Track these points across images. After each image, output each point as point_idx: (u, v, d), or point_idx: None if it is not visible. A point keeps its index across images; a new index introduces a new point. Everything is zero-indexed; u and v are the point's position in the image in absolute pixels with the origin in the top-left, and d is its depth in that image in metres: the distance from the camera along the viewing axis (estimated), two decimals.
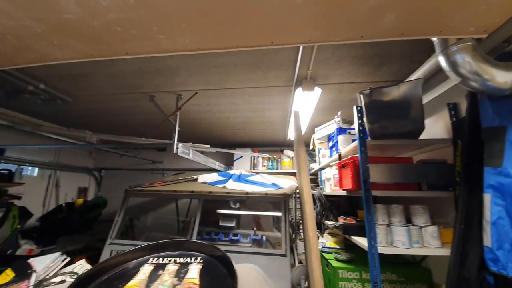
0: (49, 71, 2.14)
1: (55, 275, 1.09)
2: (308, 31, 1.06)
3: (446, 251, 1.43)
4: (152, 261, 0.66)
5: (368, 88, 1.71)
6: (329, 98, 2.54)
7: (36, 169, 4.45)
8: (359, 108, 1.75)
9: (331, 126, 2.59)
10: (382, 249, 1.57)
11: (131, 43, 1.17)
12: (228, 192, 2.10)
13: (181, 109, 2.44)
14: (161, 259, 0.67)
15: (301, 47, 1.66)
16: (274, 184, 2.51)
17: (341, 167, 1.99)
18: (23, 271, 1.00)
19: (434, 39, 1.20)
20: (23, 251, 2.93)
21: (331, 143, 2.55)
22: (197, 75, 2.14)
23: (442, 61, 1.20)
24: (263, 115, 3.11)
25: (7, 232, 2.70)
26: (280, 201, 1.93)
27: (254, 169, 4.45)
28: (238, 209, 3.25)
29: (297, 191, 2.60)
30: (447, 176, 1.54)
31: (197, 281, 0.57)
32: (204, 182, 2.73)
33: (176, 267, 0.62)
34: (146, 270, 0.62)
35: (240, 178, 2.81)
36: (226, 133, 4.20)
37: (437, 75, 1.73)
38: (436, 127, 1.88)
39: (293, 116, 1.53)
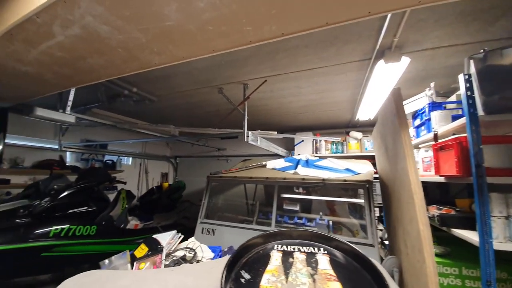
0: (139, 76, 2.47)
1: (175, 250, 1.31)
2: None
3: None
4: (278, 248, 0.70)
5: (482, 50, 1.37)
6: (415, 68, 2.17)
7: (130, 158, 5.41)
8: (467, 77, 1.43)
9: (418, 102, 2.23)
10: (499, 245, 1.32)
11: (218, 40, 1.22)
12: (303, 179, 2.08)
13: (249, 98, 2.50)
14: (285, 246, 0.71)
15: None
16: (348, 170, 2.37)
17: (438, 149, 1.71)
18: (154, 246, 1.24)
19: None
20: (131, 226, 3.64)
21: (417, 121, 2.21)
22: (266, 62, 2.12)
23: None
24: (329, 96, 2.92)
25: (119, 211, 3.38)
26: (363, 188, 1.81)
27: (316, 153, 4.31)
28: (308, 194, 3.25)
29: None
30: None
31: (332, 272, 0.58)
32: (273, 168, 2.78)
33: (303, 256, 0.65)
34: (276, 256, 0.66)
35: (308, 164, 2.75)
36: (287, 118, 4.16)
37: None
38: None
39: (388, 94, 1.34)
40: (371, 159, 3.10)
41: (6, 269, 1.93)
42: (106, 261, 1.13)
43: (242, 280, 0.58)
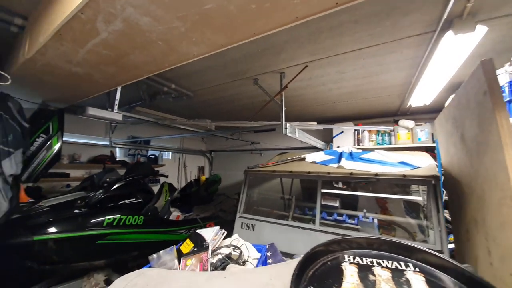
0: (177, 72, 2.49)
1: (219, 247, 1.28)
2: None
3: None
4: (350, 259, 0.57)
5: None
6: (491, 39, 1.78)
7: (170, 153, 5.69)
8: None
9: None
10: None
11: (260, 21, 1.09)
12: (351, 173, 1.88)
13: (287, 87, 2.34)
14: (358, 258, 0.58)
15: None
16: (404, 163, 2.08)
17: None
18: (199, 242, 1.22)
19: None
20: (173, 217, 3.82)
21: None
22: (306, 45, 1.94)
23: None
24: (377, 80, 2.60)
25: (163, 203, 3.55)
26: (428, 184, 1.55)
27: (358, 145, 3.97)
28: (350, 189, 2.99)
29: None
30: None
31: None
32: (313, 162, 2.61)
33: (387, 273, 0.51)
34: (351, 271, 0.54)
35: (352, 156, 2.51)
36: (323, 109, 3.88)
37: None
38: None
39: (476, 69, 1.06)
40: (425, 151, 2.72)
41: (67, 255, 2.14)
42: (155, 255, 1.13)
43: None
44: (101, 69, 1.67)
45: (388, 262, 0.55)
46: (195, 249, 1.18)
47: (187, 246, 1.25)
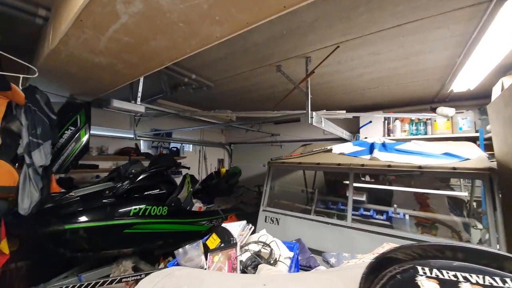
0: (197, 61, 2.41)
1: (247, 243, 1.20)
2: None
3: None
4: (427, 272, 0.45)
5: None
6: None
7: (191, 145, 5.75)
8: None
9: None
10: None
11: None
12: (389, 166, 1.70)
13: (314, 73, 2.17)
14: (436, 270, 0.45)
15: None
16: (449, 154, 1.84)
17: None
18: (226, 238, 1.15)
19: None
20: (195, 208, 3.86)
21: None
22: (337, 24, 1.74)
23: None
24: (416, 61, 2.32)
25: (185, 194, 3.58)
26: (483, 178, 1.33)
27: (389, 135, 3.68)
28: (379, 183, 2.78)
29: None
30: None
31: None
32: (342, 153, 2.43)
33: None
34: (430, 287, 0.42)
35: (386, 147, 2.29)
36: (350, 97, 3.62)
37: None
38: None
39: None
40: (467, 141, 2.42)
41: (97, 243, 2.21)
42: (181, 250, 1.09)
43: None
44: (123, 58, 1.63)
45: (478, 277, 0.42)
46: (222, 245, 1.12)
47: (213, 241, 1.19)
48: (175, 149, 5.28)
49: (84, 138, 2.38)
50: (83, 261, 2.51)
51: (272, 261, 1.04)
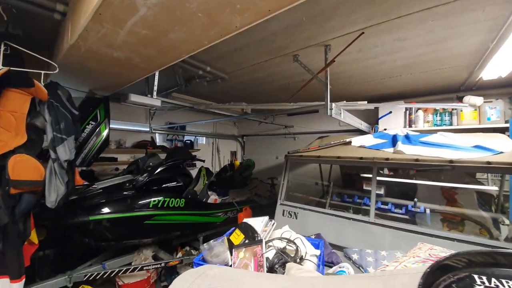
0: (212, 53, 2.37)
1: (271, 239, 1.19)
2: None
3: None
4: (484, 282, 0.40)
5: None
6: None
7: (204, 138, 5.79)
8: None
9: None
10: None
11: None
12: (416, 160, 1.61)
13: (334, 61, 2.07)
14: (494, 279, 0.40)
15: None
16: (480, 147, 1.72)
17: None
18: (250, 234, 1.14)
19: None
20: (211, 200, 3.91)
21: None
22: (361, 8, 1.63)
23: None
24: (444, 47, 2.16)
25: (201, 186, 3.63)
26: None
27: (410, 126, 3.51)
28: (398, 176, 2.68)
29: None
30: None
31: None
32: (362, 146, 2.35)
33: None
34: None
35: (410, 140, 2.18)
36: (369, 86, 3.46)
37: None
38: None
39: None
40: (494, 132, 2.26)
41: (119, 233, 2.30)
42: (206, 246, 1.09)
43: None
44: (141, 52, 1.62)
45: None
46: (246, 241, 1.11)
47: (237, 236, 1.18)
48: (189, 142, 5.33)
49: (105, 133, 2.43)
50: (107, 249, 2.62)
51: (298, 259, 1.02)
